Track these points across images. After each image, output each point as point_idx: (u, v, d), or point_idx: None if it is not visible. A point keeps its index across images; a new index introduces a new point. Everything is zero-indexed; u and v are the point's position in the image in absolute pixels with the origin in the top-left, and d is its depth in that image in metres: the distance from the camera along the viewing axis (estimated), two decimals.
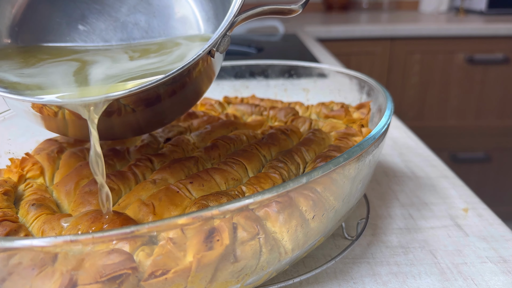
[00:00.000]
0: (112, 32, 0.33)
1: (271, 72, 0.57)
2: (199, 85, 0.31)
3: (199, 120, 0.46)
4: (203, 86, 0.33)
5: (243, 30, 1.53)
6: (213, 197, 0.29)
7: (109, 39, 0.33)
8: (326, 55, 1.14)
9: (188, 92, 0.31)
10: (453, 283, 0.32)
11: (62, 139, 0.40)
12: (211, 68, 0.31)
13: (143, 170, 0.34)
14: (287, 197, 0.25)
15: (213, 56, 0.28)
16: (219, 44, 0.27)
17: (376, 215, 0.41)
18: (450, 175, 0.49)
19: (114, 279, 0.20)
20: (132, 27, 0.33)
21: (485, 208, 0.42)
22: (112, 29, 0.33)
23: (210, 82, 0.33)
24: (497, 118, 1.60)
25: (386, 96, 0.38)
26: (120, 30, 0.33)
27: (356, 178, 0.29)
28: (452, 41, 1.52)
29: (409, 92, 1.59)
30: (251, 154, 0.35)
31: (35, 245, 0.19)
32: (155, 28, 0.34)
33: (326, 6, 2.07)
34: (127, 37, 0.33)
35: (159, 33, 0.34)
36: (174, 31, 0.34)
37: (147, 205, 0.28)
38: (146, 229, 0.20)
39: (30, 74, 0.27)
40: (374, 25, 1.54)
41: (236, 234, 0.23)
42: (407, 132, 0.63)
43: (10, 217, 0.28)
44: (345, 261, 0.34)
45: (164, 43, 0.32)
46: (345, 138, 0.39)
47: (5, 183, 0.33)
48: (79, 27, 0.33)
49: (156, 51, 0.31)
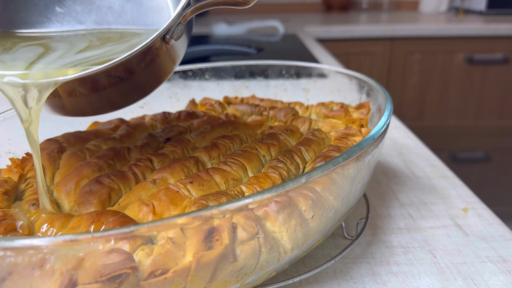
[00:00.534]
0: (87, 15, 0.35)
1: (271, 72, 0.57)
2: (157, 69, 0.33)
3: (199, 120, 0.46)
4: (163, 69, 0.34)
5: (243, 30, 1.53)
6: (213, 196, 0.29)
7: (83, 21, 0.35)
8: (326, 55, 1.14)
9: (146, 75, 0.32)
10: (452, 282, 0.32)
11: (62, 139, 0.40)
12: (171, 53, 0.33)
13: (143, 170, 0.34)
14: (287, 197, 0.25)
15: (168, 43, 0.30)
16: (172, 32, 0.29)
17: (376, 215, 0.41)
18: (449, 175, 0.49)
19: (114, 279, 0.20)
20: (106, 10, 0.35)
21: (485, 208, 0.42)
22: (88, 11, 0.35)
23: (174, 64, 0.35)
24: (496, 118, 1.61)
25: (385, 96, 0.38)
26: (95, 13, 0.35)
27: (355, 178, 0.29)
28: (451, 41, 1.52)
29: (409, 92, 1.59)
30: (250, 154, 0.35)
31: (35, 245, 0.19)
32: (128, 13, 0.35)
33: (326, 6, 2.07)
34: (100, 20, 0.35)
35: (132, 17, 0.35)
36: (146, 17, 0.35)
37: (147, 205, 0.28)
38: (145, 228, 0.20)
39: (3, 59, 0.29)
40: (374, 25, 1.54)
41: (236, 234, 0.23)
42: (406, 132, 0.63)
43: (11, 217, 0.28)
44: (345, 261, 0.34)
45: (125, 32, 0.34)
46: (344, 138, 0.39)
47: (5, 183, 0.33)
48: (56, 8, 0.35)
49: (117, 39, 0.33)
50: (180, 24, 0.29)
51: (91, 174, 0.34)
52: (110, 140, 0.41)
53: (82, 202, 0.30)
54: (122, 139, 0.42)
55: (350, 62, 1.55)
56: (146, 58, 0.30)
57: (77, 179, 0.33)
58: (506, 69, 1.54)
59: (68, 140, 0.40)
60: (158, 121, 0.47)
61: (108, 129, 0.45)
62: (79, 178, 0.33)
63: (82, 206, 0.30)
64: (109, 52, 0.30)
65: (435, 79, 1.57)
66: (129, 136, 0.43)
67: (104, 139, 0.41)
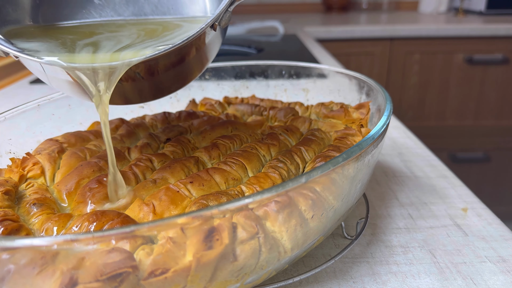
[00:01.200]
0: (124, 6, 0.36)
1: (271, 73, 0.57)
2: (201, 57, 0.34)
3: (199, 120, 0.46)
4: (205, 59, 0.35)
5: (243, 30, 1.53)
6: (213, 196, 0.29)
7: (121, 13, 0.36)
8: (326, 56, 1.14)
9: (192, 63, 0.34)
10: (452, 282, 0.32)
11: (63, 139, 0.41)
12: (212, 43, 0.34)
13: (143, 169, 0.35)
14: (287, 197, 0.25)
15: (215, 30, 0.30)
16: (221, 19, 0.30)
17: (376, 214, 0.41)
18: (449, 175, 0.49)
19: (114, 278, 0.20)
20: (143, 1, 0.36)
21: (484, 208, 0.42)
22: (125, 2, 0.36)
23: (212, 55, 0.36)
24: (496, 118, 1.61)
25: (385, 96, 0.38)
26: (132, 4, 0.36)
27: (355, 178, 0.29)
28: (451, 42, 1.52)
29: (409, 92, 1.60)
30: (251, 154, 0.35)
31: (36, 245, 0.19)
32: (164, 3, 0.36)
33: (325, 7, 2.07)
34: (138, 11, 0.36)
35: (168, 8, 0.36)
36: (182, 7, 0.36)
37: (147, 205, 0.28)
38: (146, 228, 0.20)
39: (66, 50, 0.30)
40: (374, 25, 1.54)
41: (236, 234, 0.23)
42: (406, 132, 0.63)
43: (11, 217, 0.28)
44: (344, 260, 0.34)
45: (166, 25, 0.35)
46: (344, 138, 0.39)
47: (6, 182, 0.33)
48: (95, 0, 0.35)
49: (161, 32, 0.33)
50: (228, 12, 0.30)
51: (91, 174, 0.34)
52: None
53: (82, 202, 0.30)
54: (122, 139, 0.42)
55: (350, 62, 1.56)
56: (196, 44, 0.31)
57: (78, 179, 0.33)
58: (506, 69, 1.54)
59: (68, 140, 0.40)
60: (159, 121, 0.47)
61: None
62: (79, 178, 0.33)
63: (83, 206, 0.30)
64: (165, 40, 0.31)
65: (434, 79, 1.57)
66: (130, 136, 0.43)
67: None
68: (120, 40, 0.31)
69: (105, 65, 0.27)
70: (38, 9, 0.34)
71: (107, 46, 0.30)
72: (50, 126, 0.45)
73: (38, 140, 0.42)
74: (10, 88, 0.92)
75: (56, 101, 0.46)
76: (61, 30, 0.34)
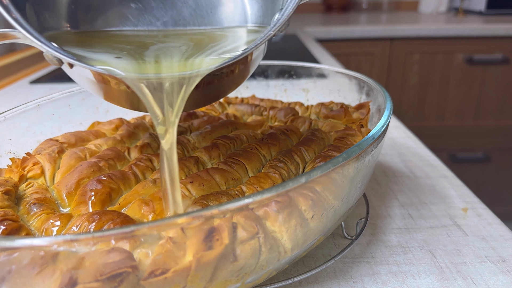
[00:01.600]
0: (162, 10, 0.34)
1: (271, 73, 0.57)
2: (254, 62, 0.34)
3: (199, 120, 0.46)
4: (256, 63, 0.35)
5: None
6: (213, 196, 0.29)
7: (160, 17, 0.34)
8: (326, 56, 1.14)
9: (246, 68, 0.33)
10: (452, 282, 0.32)
11: (63, 139, 0.41)
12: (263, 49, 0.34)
13: (143, 169, 0.35)
14: (287, 197, 0.25)
15: (275, 36, 0.30)
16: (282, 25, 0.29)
17: (376, 214, 0.41)
18: (449, 175, 0.49)
19: (114, 278, 0.20)
20: (181, 5, 0.35)
21: (484, 208, 0.42)
22: (163, 6, 0.34)
23: (259, 60, 0.35)
24: (496, 118, 1.61)
25: (385, 96, 0.38)
26: (170, 8, 0.35)
27: (355, 178, 0.29)
28: (451, 42, 1.52)
29: (409, 92, 1.60)
30: (251, 154, 0.35)
31: (36, 245, 0.19)
32: (202, 7, 0.35)
33: (325, 7, 2.07)
34: (176, 15, 0.35)
35: (207, 12, 0.35)
36: (220, 12, 0.35)
37: (147, 204, 0.28)
38: (146, 228, 0.20)
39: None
40: (374, 25, 1.54)
41: (236, 234, 0.23)
42: (406, 132, 0.63)
43: (11, 217, 0.28)
44: (344, 260, 0.34)
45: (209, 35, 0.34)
46: (344, 138, 0.39)
47: (6, 182, 0.33)
48: (132, 5, 0.34)
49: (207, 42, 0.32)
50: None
51: (91, 174, 0.34)
52: (111, 140, 0.41)
53: (82, 202, 0.30)
54: (122, 139, 0.42)
55: (350, 62, 1.56)
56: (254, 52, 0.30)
57: (78, 179, 0.33)
58: (506, 69, 1.54)
59: (68, 140, 0.40)
60: None
61: (109, 129, 0.45)
62: (79, 178, 0.33)
63: (83, 206, 0.30)
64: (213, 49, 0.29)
65: (434, 79, 1.57)
66: (130, 136, 0.43)
67: (104, 139, 0.41)
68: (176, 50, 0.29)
69: (193, 72, 0.25)
70: (75, 14, 0.33)
71: (172, 55, 0.28)
72: (50, 126, 0.45)
73: (38, 140, 0.42)
74: (10, 88, 0.92)
75: (56, 101, 0.46)
76: (102, 37, 0.32)
